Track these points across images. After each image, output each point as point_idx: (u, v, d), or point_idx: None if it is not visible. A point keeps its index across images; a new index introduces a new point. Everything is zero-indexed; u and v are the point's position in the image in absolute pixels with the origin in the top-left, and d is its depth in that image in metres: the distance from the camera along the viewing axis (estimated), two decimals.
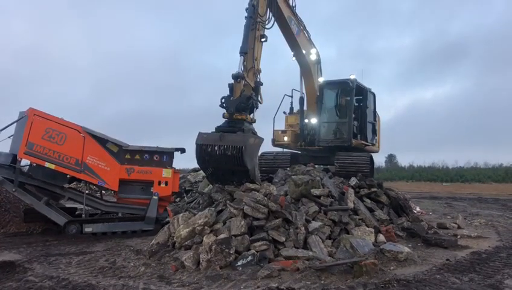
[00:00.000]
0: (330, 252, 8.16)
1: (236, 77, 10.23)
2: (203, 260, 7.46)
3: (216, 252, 7.44)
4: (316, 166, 12.85)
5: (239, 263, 7.36)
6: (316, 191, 9.68)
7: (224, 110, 10.61)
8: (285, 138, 15.01)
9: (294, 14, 12.74)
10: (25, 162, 12.59)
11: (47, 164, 12.10)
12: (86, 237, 12.07)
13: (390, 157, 65.16)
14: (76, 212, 13.61)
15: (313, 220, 8.98)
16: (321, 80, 14.52)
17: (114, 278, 7.18)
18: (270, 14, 11.47)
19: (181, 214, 9.11)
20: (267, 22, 11.34)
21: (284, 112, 15.17)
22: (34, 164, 12.52)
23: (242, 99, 10.19)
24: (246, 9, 10.97)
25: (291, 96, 15.01)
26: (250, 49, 10.61)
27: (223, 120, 10.61)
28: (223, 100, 10.37)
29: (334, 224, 9.15)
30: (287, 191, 9.92)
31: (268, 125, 14.98)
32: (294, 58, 13.57)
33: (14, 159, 12.24)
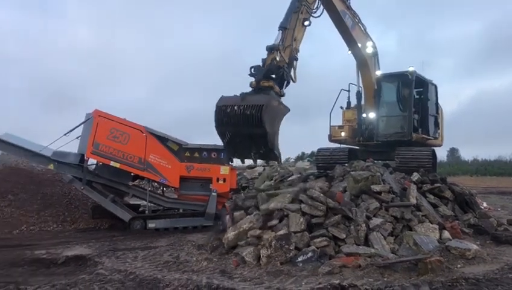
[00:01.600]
0: (392, 249, 7.96)
1: (271, 48, 9.65)
2: (263, 256, 7.53)
3: (276, 248, 7.49)
4: (376, 161, 12.55)
5: (299, 259, 7.36)
6: (376, 187, 9.47)
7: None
8: (343, 134, 14.78)
9: (349, 8, 12.44)
10: (91, 161, 13.30)
11: (112, 163, 12.71)
12: (149, 233, 12.56)
13: (453, 151, 62.31)
14: (140, 209, 14.19)
15: (374, 216, 8.79)
16: (379, 73, 14.15)
17: (178, 272, 7.42)
18: (320, 3, 11.07)
19: (237, 213, 9.18)
20: (314, 10, 10.90)
21: (341, 107, 14.92)
22: (100, 163, 13.19)
23: (271, 67, 9.52)
24: None
25: (349, 91, 14.74)
26: (290, 29, 10.21)
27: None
28: (252, 69, 9.67)
29: (396, 221, 8.91)
30: (345, 188, 9.79)
31: (324, 121, 14.81)
32: (349, 52, 13.31)
33: (82, 158, 12.95)
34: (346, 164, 12.10)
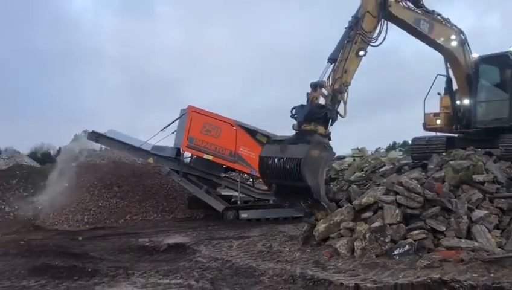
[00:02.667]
0: (499, 244, 7.40)
1: (315, 86, 9.01)
2: (357, 248, 7.40)
3: (371, 240, 7.32)
4: (477, 150, 11.71)
5: (396, 252, 7.13)
6: (478, 177, 8.85)
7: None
8: (438, 121, 13.94)
9: (422, 10, 11.47)
10: (187, 154, 14.02)
11: (205, 156, 13.32)
12: (242, 223, 12.96)
13: None
14: (232, 200, 14.66)
15: (477, 208, 8.23)
16: (475, 55, 13.12)
17: (272, 262, 7.56)
18: (383, 33, 10.05)
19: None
20: (373, 40, 9.97)
21: (439, 93, 14.00)
22: (195, 156, 13.86)
23: (312, 108, 8.84)
24: (349, 21, 9.90)
25: (446, 75, 13.85)
26: (342, 60, 9.54)
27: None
28: (293, 110, 9.07)
29: (502, 213, 8.26)
30: (443, 178, 9.27)
31: (418, 109, 14.06)
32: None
33: (178, 152, 13.70)
34: (444, 153, 11.44)
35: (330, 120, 9.03)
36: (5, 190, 14.34)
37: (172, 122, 13.85)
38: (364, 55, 9.92)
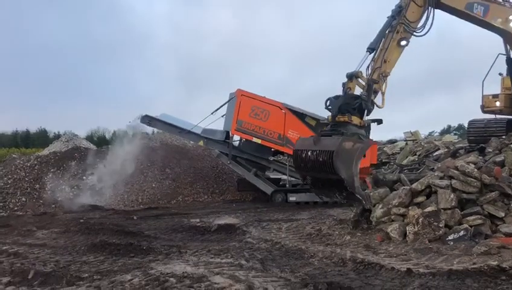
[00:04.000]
0: None
1: (350, 76, 8.85)
2: (409, 233, 7.26)
3: (424, 225, 7.15)
4: None
5: (450, 238, 6.92)
6: None
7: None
8: (497, 103, 13.28)
9: None
10: (236, 137, 14.18)
11: (254, 139, 13.41)
12: (290, 205, 13.01)
13: None
14: (280, 183, 14.72)
15: None
16: None
17: (321, 244, 7.56)
18: (429, 21, 9.67)
19: (382, 190, 8.87)
20: (419, 30, 9.64)
21: (500, 74, 13.30)
22: (244, 139, 13.99)
23: (346, 99, 8.70)
24: (392, 9, 9.56)
25: (506, 55, 13.10)
26: (382, 50, 9.31)
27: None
28: (328, 101, 8.95)
29: None
30: (503, 162, 8.86)
31: (476, 91, 13.43)
32: None
33: (227, 135, 13.87)
34: (504, 137, 10.91)
35: (366, 111, 8.86)
36: (65, 171, 15.10)
37: (222, 105, 14.02)
38: (406, 45, 9.63)
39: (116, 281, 5.40)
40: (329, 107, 8.90)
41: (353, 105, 8.61)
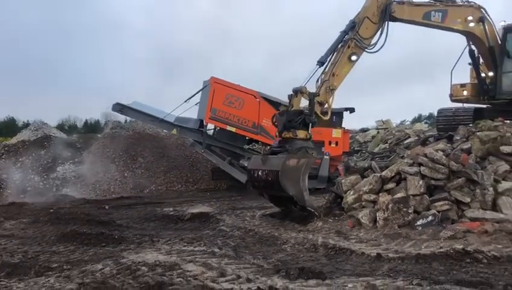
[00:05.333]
0: None
1: (295, 92, 8.94)
2: (379, 218, 7.40)
3: (393, 211, 7.30)
4: (507, 121, 11.39)
5: (419, 223, 7.10)
6: (506, 149, 8.63)
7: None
8: (465, 92, 13.60)
9: (431, 2, 10.91)
10: (210, 126, 14.10)
11: (228, 127, 13.37)
12: None
13: None
14: None
15: (503, 180, 8.06)
16: (502, 23, 12.61)
17: (294, 231, 7.64)
18: (383, 36, 9.81)
19: (353, 177, 8.99)
20: (371, 47, 9.78)
21: (470, 63, 13.61)
22: (218, 128, 13.94)
23: (290, 116, 8.75)
24: (346, 24, 9.73)
25: (469, 48, 13.40)
26: (332, 64, 9.46)
27: None
28: (274, 118, 9.14)
29: None
30: (469, 149, 9.10)
31: (448, 80, 13.69)
32: None
33: (201, 123, 13.79)
34: (471, 125, 11.19)
35: (310, 124, 8.94)
36: (34, 160, 14.77)
37: (195, 93, 13.91)
38: (356, 60, 9.74)
39: (86, 271, 5.32)
40: (276, 123, 9.07)
41: (297, 121, 8.67)
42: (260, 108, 13.42)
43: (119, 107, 14.25)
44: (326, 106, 9.65)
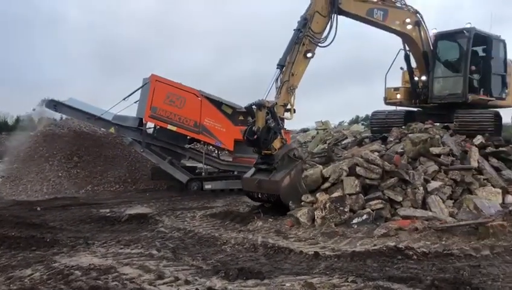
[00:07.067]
0: (451, 213, 7.77)
1: (259, 106, 8.97)
2: (317, 217, 7.60)
3: (330, 210, 7.52)
4: (437, 124, 12.04)
5: (354, 221, 7.37)
6: (435, 150, 9.17)
7: None
8: (398, 96, 14.20)
9: (375, 0, 11.51)
10: (150, 125, 13.78)
11: (169, 126, 13.11)
12: (206, 194, 12.97)
13: None
14: (196, 171, 14.61)
15: (432, 179, 8.56)
16: (434, 31, 13.34)
17: (234, 231, 7.66)
18: (332, 31, 10.09)
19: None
20: (322, 40, 10.05)
21: (401, 68, 14.22)
22: (158, 127, 13.65)
23: (261, 137, 8.77)
24: (298, 21, 9.92)
25: (404, 51, 14.05)
26: (290, 63, 9.66)
27: None
28: (247, 141, 9.19)
29: (455, 184, 8.63)
30: (402, 150, 9.55)
31: (383, 83, 14.23)
32: None
33: (141, 122, 13.44)
34: (403, 127, 11.73)
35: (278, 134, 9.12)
36: None
37: (135, 91, 13.54)
38: (312, 56, 9.97)
39: (14, 277, 5.04)
40: (250, 145, 9.26)
41: (268, 138, 8.83)
42: (202, 107, 13.29)
43: (54, 104, 13.59)
44: (288, 106, 9.85)
